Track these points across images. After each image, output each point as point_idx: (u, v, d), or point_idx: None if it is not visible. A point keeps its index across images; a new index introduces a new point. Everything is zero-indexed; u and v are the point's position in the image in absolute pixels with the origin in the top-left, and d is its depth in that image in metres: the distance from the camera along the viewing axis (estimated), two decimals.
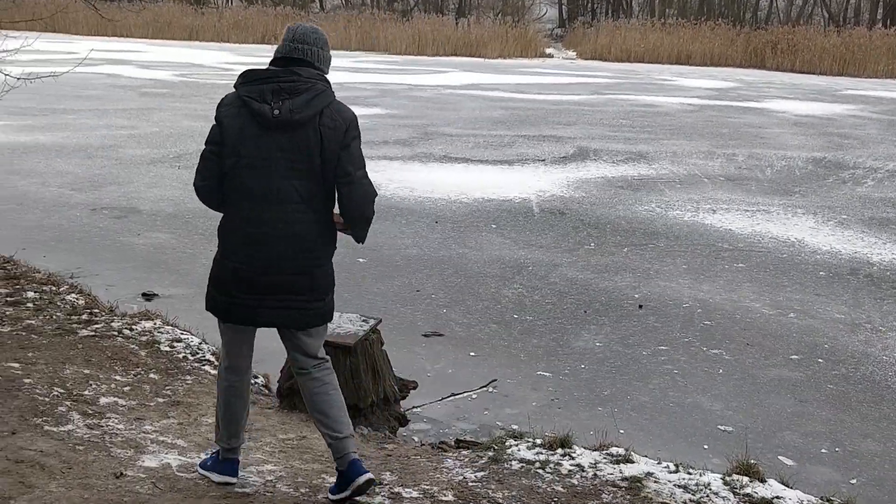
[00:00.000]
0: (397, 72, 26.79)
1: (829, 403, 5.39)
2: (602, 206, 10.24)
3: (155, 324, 5.46)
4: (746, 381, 5.65)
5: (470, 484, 3.73)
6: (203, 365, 4.99)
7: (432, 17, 36.62)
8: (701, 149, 14.34)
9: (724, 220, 9.73)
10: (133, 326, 5.39)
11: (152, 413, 4.24)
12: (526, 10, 40.31)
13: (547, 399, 5.33)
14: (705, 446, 4.82)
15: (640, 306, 6.95)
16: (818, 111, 20.12)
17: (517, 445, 4.09)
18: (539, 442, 4.14)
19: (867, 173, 12.83)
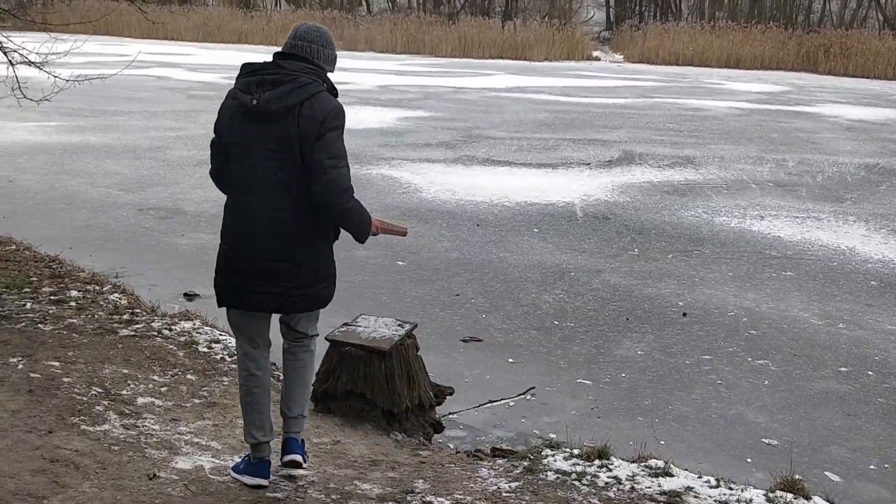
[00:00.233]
0: (442, 74, 26.79)
1: (878, 417, 5.22)
2: (647, 211, 10.10)
3: (194, 324, 5.49)
4: (793, 393, 5.50)
5: (504, 494, 3.67)
6: None
7: (478, 20, 36.54)
8: (750, 154, 14.08)
9: (773, 227, 9.52)
10: (172, 327, 5.42)
11: (188, 414, 4.24)
12: (573, 13, 40.05)
13: (586, 408, 5.24)
14: (748, 460, 4.69)
15: (684, 314, 6.81)
16: (871, 116, 19.64)
17: (553, 455, 4.01)
18: (576, 452, 4.06)
19: None
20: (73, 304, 5.71)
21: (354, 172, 12.15)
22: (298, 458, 3.60)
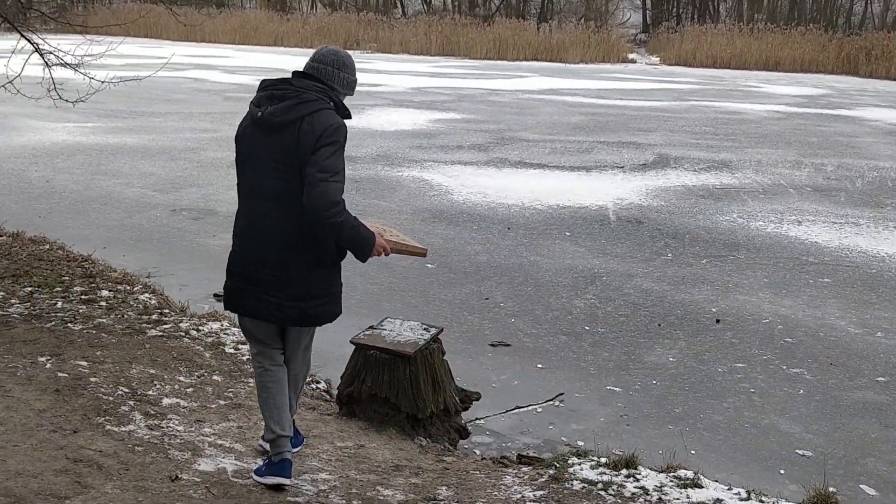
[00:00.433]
0: (476, 76, 26.73)
1: None
2: (681, 216, 9.96)
3: (222, 325, 5.50)
4: (828, 403, 5.37)
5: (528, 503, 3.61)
6: None
7: (513, 22, 36.44)
8: (787, 158, 13.85)
9: (810, 233, 9.34)
10: (200, 327, 5.43)
11: (213, 415, 4.24)
12: (609, 15, 39.80)
13: (615, 415, 5.15)
14: (781, 471, 4.58)
15: (718, 321, 6.70)
16: None
17: (580, 464, 3.94)
18: (603, 461, 3.98)
19: None
20: (103, 303, 5.74)
21: (385, 174, 12.05)
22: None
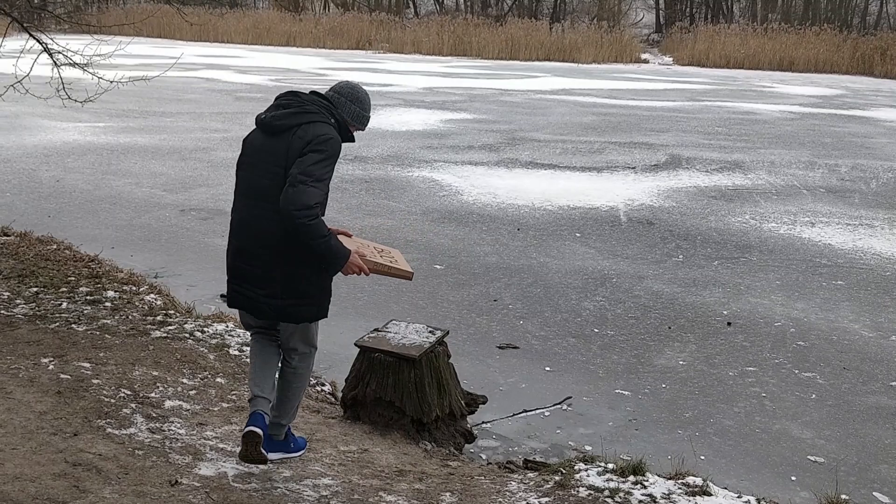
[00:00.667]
0: (488, 76, 26.66)
1: None
2: (693, 217, 9.87)
3: (227, 326, 5.45)
4: (841, 409, 5.28)
5: None
6: None
7: (526, 22, 36.32)
8: (801, 158, 13.72)
9: (824, 234, 9.23)
10: (205, 329, 5.39)
11: (215, 418, 4.19)
12: (622, 15, 39.62)
13: (624, 419, 5.08)
14: (793, 478, 4.50)
15: (729, 323, 6.61)
16: None
17: (587, 470, 3.87)
18: (611, 467, 3.91)
19: None
20: (108, 304, 5.71)
21: (395, 175, 12.00)
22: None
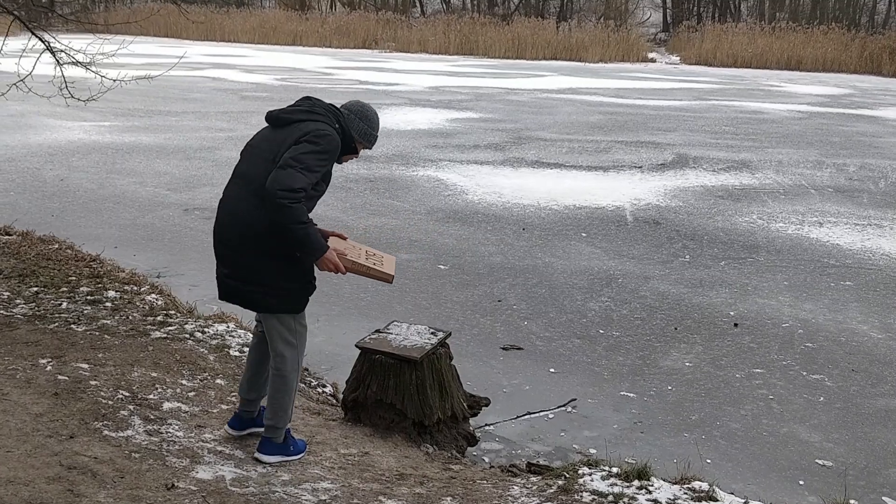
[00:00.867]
0: (494, 75, 26.59)
1: None
2: (700, 217, 9.78)
3: (228, 327, 5.40)
4: (850, 411, 5.20)
5: None
6: None
7: (533, 21, 36.23)
8: (809, 158, 13.62)
9: (832, 235, 9.14)
10: (206, 329, 5.33)
11: (214, 420, 4.13)
12: (629, 14, 39.49)
13: (629, 422, 5.01)
14: (801, 482, 4.43)
15: (736, 325, 6.54)
16: None
17: (591, 474, 3.81)
18: (615, 471, 3.85)
19: None
20: (108, 304, 5.66)
21: (400, 174, 11.93)
22: (258, 456, 3.77)
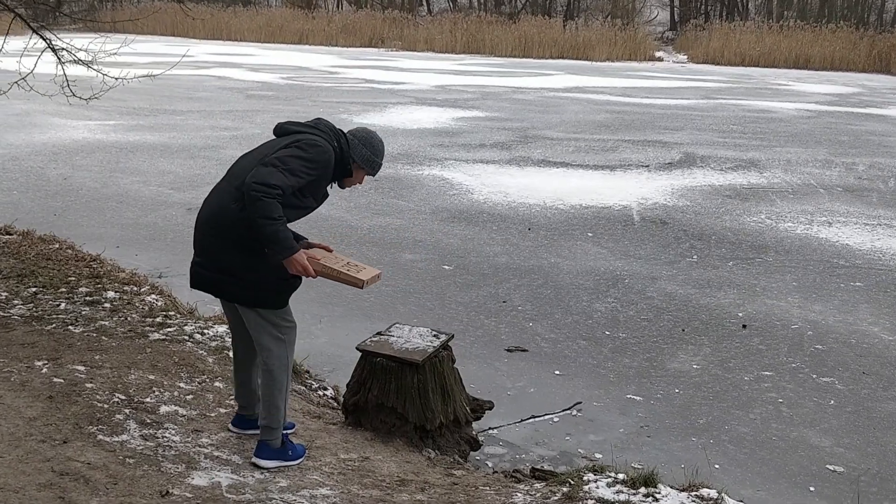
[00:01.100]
0: (501, 74, 26.48)
1: None
2: (707, 216, 9.68)
3: (227, 328, 5.31)
4: (861, 415, 5.10)
5: None
6: None
7: (539, 20, 36.11)
8: (817, 157, 13.49)
9: (841, 234, 9.03)
10: (205, 331, 5.25)
11: (212, 424, 4.05)
12: (636, 13, 39.34)
13: (635, 426, 4.92)
14: (811, 488, 4.33)
15: (744, 326, 6.44)
16: None
17: (596, 481, 3.71)
18: (621, 478, 3.75)
19: None
20: (107, 305, 5.58)
21: (405, 173, 11.86)
22: (255, 461, 3.73)
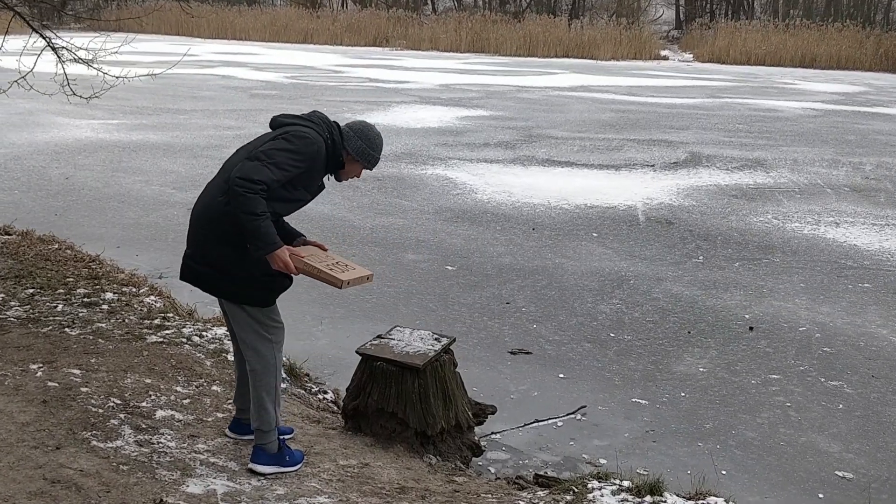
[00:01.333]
0: (506, 73, 26.40)
1: None
2: (713, 216, 9.58)
3: (227, 331, 5.23)
4: (870, 420, 5.01)
5: None
6: None
7: (544, 18, 36.02)
8: (824, 156, 13.38)
9: (849, 235, 8.93)
10: (204, 333, 5.18)
11: (208, 430, 3.98)
12: (641, 12, 39.21)
13: (641, 430, 4.83)
14: (820, 495, 4.24)
15: (751, 328, 6.35)
16: None
17: (600, 489, 3.63)
18: (626, 485, 3.67)
19: None
20: (105, 306, 5.51)
21: (409, 172, 11.77)
22: (252, 466, 3.68)
